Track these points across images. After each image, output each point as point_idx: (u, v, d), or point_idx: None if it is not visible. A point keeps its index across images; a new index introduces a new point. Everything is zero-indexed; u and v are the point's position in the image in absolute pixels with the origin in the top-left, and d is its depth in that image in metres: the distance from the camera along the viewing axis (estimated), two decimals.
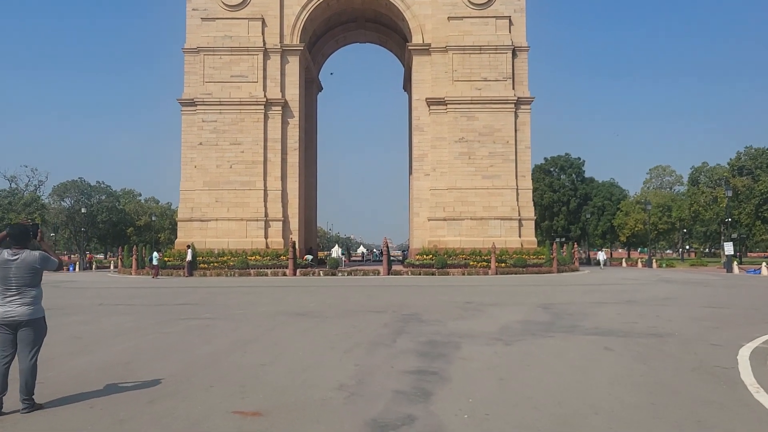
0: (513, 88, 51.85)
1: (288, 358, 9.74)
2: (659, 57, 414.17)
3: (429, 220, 50.50)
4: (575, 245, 58.24)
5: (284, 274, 40.58)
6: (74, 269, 65.30)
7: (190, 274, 40.64)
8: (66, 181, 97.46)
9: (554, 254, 43.88)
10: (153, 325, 14.04)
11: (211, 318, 15.32)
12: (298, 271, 41.38)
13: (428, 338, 11.81)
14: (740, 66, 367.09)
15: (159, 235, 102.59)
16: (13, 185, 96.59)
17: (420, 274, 40.64)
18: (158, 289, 28.82)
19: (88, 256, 71.91)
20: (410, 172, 57.09)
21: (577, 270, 48.78)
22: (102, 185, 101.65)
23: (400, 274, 41.09)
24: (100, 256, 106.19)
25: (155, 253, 39.44)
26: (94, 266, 69.33)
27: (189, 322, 14.45)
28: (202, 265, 44.35)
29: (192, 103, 51.73)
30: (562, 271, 43.79)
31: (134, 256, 44.34)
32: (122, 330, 13.30)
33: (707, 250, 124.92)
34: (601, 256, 57.88)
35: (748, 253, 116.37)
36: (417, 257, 47.09)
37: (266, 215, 50.73)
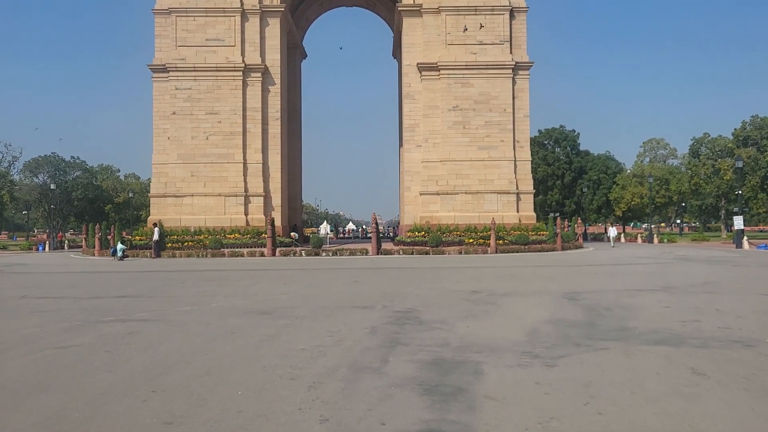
0: (510, 52, 48.07)
1: (217, 402, 6.21)
2: (661, 24, 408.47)
3: (421, 194, 46.98)
4: (578, 220, 54.97)
5: (262, 254, 36.98)
6: (44, 249, 61.36)
7: (158, 255, 36.96)
8: (38, 156, 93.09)
9: (558, 230, 40.51)
10: (58, 332, 10.45)
11: (143, 320, 11.74)
12: (277, 250, 37.80)
13: (433, 355, 8.31)
14: (746, 34, 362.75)
15: (140, 213, 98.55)
16: None
17: (413, 253, 37.22)
18: (109, 275, 25.20)
19: (58, 235, 67.69)
20: (401, 144, 53.41)
21: (582, 247, 45.50)
22: (77, 160, 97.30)
23: (391, 254, 37.62)
24: (76, 236, 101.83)
25: (120, 245, 35.62)
26: (67, 246, 65.28)
27: (109, 327, 10.87)
28: (174, 245, 40.67)
29: (164, 69, 47.60)
30: (567, 249, 40.48)
31: (97, 236, 40.50)
32: (7, 342, 9.70)
33: (699, 224, 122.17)
34: (612, 231, 54.09)
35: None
36: (408, 234, 43.66)
37: (246, 190, 47.05)
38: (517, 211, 46.36)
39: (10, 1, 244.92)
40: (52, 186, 70.06)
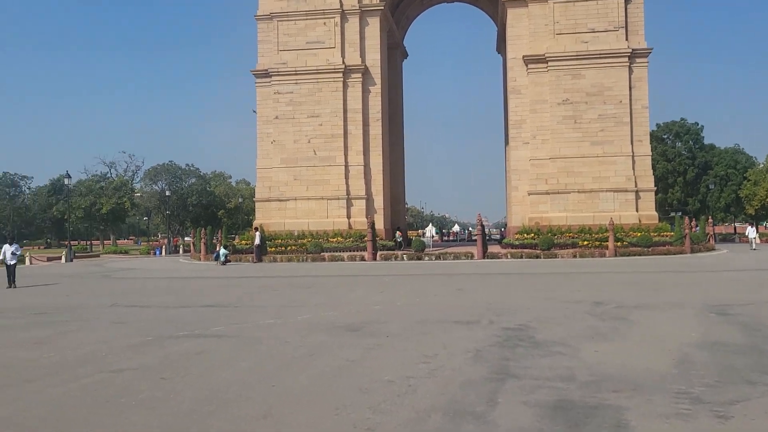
0: (626, 39, 44.32)
1: None
2: None
3: (529, 194, 44.21)
4: (708, 219, 49.95)
5: (362, 259, 35.80)
6: (160, 253, 63.90)
7: (259, 260, 36.68)
8: (157, 165, 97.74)
9: (687, 231, 36.56)
10: (122, 350, 9.40)
11: (217, 336, 10.52)
12: (378, 254, 36.50)
13: (556, 394, 6.38)
14: None
15: (250, 217, 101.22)
16: (113, 171, 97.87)
17: (521, 257, 34.75)
18: (206, 281, 24.75)
19: (173, 239, 70.41)
20: (506, 142, 50.81)
21: (713, 249, 41.00)
22: (192, 168, 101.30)
23: (498, 257, 35.31)
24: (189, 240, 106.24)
25: (222, 250, 35.66)
26: (182, 250, 67.74)
27: (179, 345, 9.71)
28: (276, 248, 40.46)
29: (266, 74, 47.81)
30: (697, 251, 36.43)
31: (203, 241, 40.95)
32: (64, 362, 8.71)
33: None
34: (751, 231, 47.98)
35: None
36: (516, 236, 41.12)
37: (348, 193, 46.24)
38: (636, 211, 42.59)
39: (131, 26, 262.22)
40: (168, 193, 72.84)
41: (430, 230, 57.39)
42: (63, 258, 48.62)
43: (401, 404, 6.12)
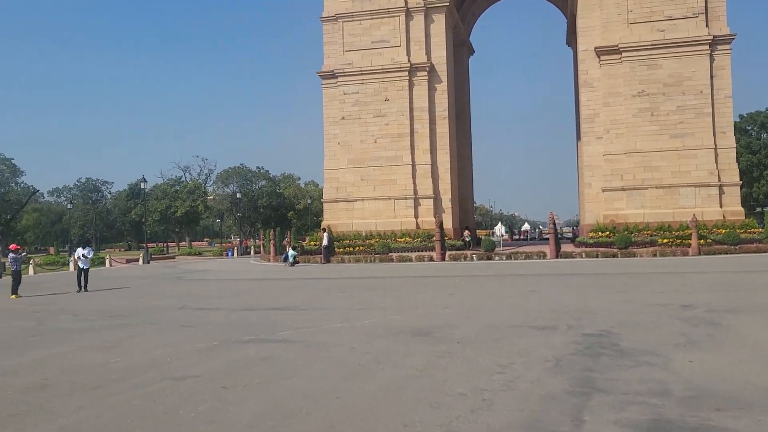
0: (707, 26, 41.95)
1: None
2: None
3: (603, 190, 42.51)
4: None
5: (431, 259, 35.23)
6: (232, 255, 65.25)
7: (327, 261, 36.71)
8: (228, 168, 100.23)
9: None
10: (188, 355, 9.24)
11: (283, 341, 10.24)
12: (447, 254, 35.83)
13: (651, 412, 5.70)
14: None
15: (319, 219, 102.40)
16: (187, 175, 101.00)
17: (597, 257, 33.35)
18: (274, 282, 24.80)
19: (244, 241, 71.81)
20: (578, 137, 49.12)
21: None
22: (262, 170, 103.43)
23: (572, 257, 34.02)
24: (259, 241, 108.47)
25: (291, 251, 35.89)
26: (252, 251, 69.05)
27: (244, 350, 9.48)
28: (344, 249, 40.44)
29: (332, 75, 47.94)
30: None
31: (272, 242, 41.35)
32: (132, 367, 8.59)
33: None
34: None
35: None
36: (591, 235, 39.57)
37: (415, 192, 45.79)
38: (720, 206, 40.23)
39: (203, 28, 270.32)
40: (239, 195, 74.42)
41: (500, 229, 56.15)
42: (140, 260, 50.25)
43: (476, 422, 5.59)
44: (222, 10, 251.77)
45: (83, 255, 22.15)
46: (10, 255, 21.13)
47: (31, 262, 40.03)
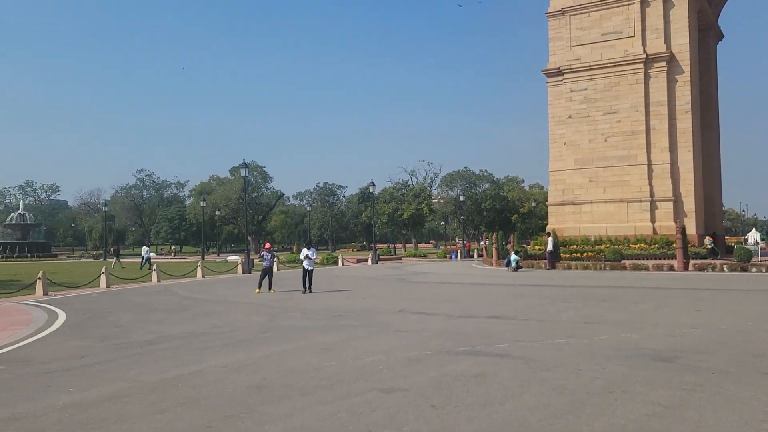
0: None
1: None
2: None
3: None
4: None
5: (671, 268, 31.64)
6: (456, 257, 65.76)
7: (551, 267, 34.83)
8: (452, 171, 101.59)
9: None
10: (399, 364, 8.80)
11: (500, 355, 9.38)
12: (690, 263, 31.94)
13: None
14: None
15: (544, 222, 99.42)
16: (413, 178, 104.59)
17: None
18: (494, 288, 23.89)
19: (467, 244, 72.05)
20: None
21: None
22: (485, 173, 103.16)
23: None
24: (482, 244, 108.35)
25: (513, 255, 34.69)
26: (475, 254, 69.01)
27: (456, 363, 8.80)
28: (570, 254, 38.21)
29: (558, 72, 45.89)
30: None
31: (494, 246, 40.48)
32: (345, 372, 8.38)
33: None
34: None
35: None
36: None
37: (651, 194, 41.92)
38: None
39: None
40: (462, 198, 74.94)
41: (754, 236, 49.18)
42: (369, 260, 52.69)
43: None
44: (444, 10, 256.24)
45: (307, 256, 21.66)
46: (264, 253, 22.82)
47: (275, 259, 43.87)
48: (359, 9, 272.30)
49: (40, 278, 23.41)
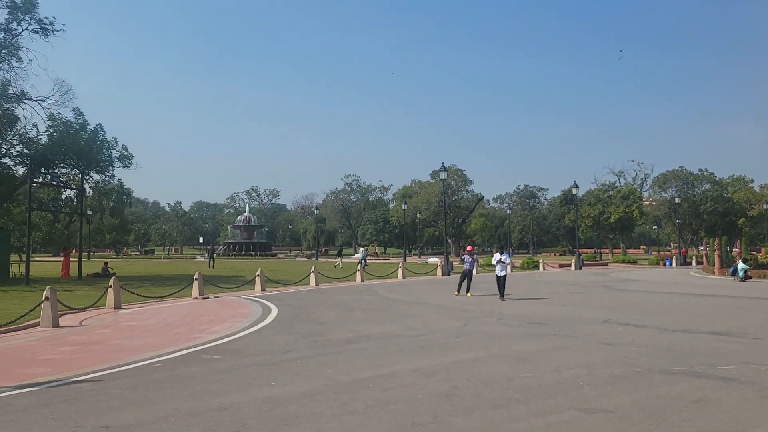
0: None
1: None
2: None
3: None
4: None
5: None
6: (670, 264, 60.65)
7: None
8: (666, 171, 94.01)
9: None
10: (602, 382, 7.94)
11: (725, 379, 8.06)
12: None
13: None
14: None
15: None
16: (621, 179, 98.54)
17: None
18: (715, 300, 21.24)
19: (683, 250, 65.93)
20: None
21: None
22: (705, 173, 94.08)
23: None
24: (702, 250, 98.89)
25: (741, 264, 30.76)
26: (693, 262, 63.04)
27: (671, 384, 7.72)
28: None
29: None
30: None
31: (716, 253, 36.28)
32: (535, 388, 7.79)
33: None
34: None
35: None
36: None
37: None
38: None
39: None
40: (678, 200, 68.89)
41: None
42: (572, 265, 50.37)
43: None
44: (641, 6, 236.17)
45: (500, 260, 20.74)
46: (465, 256, 22.84)
47: (476, 263, 43.57)
48: (566, 7, 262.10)
49: (258, 275, 25.63)
